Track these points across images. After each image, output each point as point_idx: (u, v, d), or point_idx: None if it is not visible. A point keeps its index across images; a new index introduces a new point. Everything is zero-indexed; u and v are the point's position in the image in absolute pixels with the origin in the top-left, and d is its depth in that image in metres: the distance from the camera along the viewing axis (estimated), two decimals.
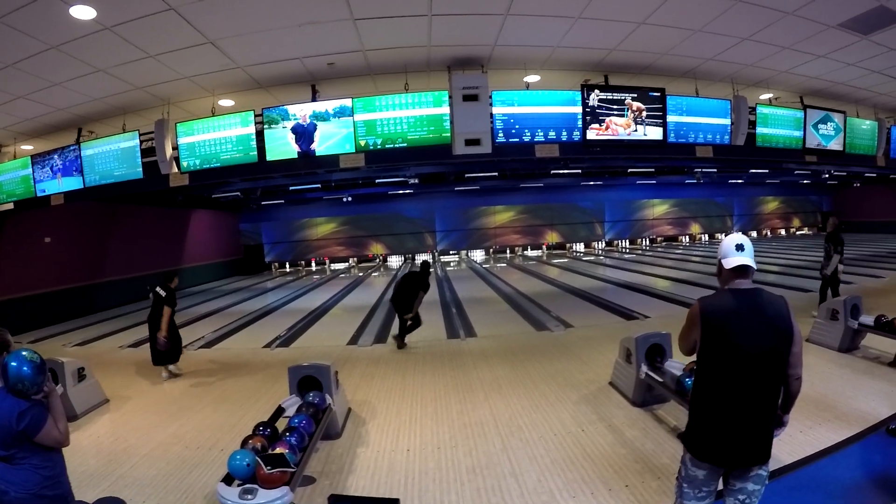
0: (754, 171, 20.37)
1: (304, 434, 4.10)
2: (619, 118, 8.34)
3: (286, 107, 8.10)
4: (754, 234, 32.54)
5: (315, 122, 8.01)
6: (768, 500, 2.76)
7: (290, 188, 18.06)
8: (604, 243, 30.64)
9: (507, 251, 29.47)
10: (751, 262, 2.56)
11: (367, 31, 6.76)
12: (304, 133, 8.03)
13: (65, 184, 9.50)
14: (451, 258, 28.74)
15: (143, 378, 7.84)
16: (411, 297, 8.70)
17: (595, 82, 8.65)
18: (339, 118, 7.98)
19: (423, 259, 9.64)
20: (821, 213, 33.75)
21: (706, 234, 32.17)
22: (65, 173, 9.45)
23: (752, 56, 8.33)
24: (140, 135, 8.82)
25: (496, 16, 6.56)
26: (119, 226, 16.71)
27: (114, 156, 8.97)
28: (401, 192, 24.47)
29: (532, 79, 8.91)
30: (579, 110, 8.23)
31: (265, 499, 3.14)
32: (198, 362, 8.60)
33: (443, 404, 6.07)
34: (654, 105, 8.48)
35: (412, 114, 7.95)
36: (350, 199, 23.55)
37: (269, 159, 8.19)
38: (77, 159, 9.26)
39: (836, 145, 10.49)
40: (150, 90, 8.25)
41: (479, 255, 29.11)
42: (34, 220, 12.90)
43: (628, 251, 28.52)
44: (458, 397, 6.27)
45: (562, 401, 5.93)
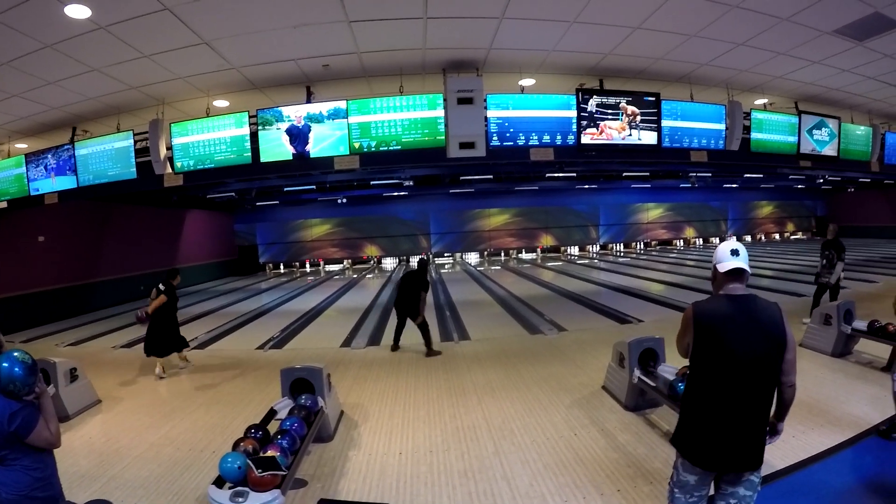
0: (749, 175, 20.46)
1: (296, 437, 4.09)
2: (613, 122, 8.36)
3: (280, 108, 8.09)
4: (749, 238, 32.70)
5: (309, 124, 8.01)
6: None
7: (285, 189, 18.09)
8: (598, 247, 30.71)
9: (502, 254, 29.49)
10: (745, 266, 2.57)
11: (362, 33, 6.75)
12: (298, 135, 8.03)
13: (58, 183, 9.47)
14: (445, 260, 28.72)
15: (136, 379, 7.81)
16: (415, 299, 8.50)
17: (590, 86, 8.69)
18: (333, 120, 7.98)
19: (419, 258, 9.52)
20: (815, 218, 33.97)
21: (701, 239, 32.29)
22: (58, 172, 9.41)
23: (746, 61, 8.37)
24: (134, 135, 8.80)
25: (491, 19, 6.57)
26: (113, 225, 16.66)
27: (108, 155, 8.95)
28: (395, 193, 24.50)
29: (527, 82, 8.92)
30: (574, 114, 8.26)
31: (256, 502, 3.13)
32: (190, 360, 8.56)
33: (435, 407, 6.05)
34: (648, 109, 8.51)
35: (407, 116, 7.95)
36: (344, 200, 23.57)
37: (263, 160, 8.19)
38: (71, 158, 9.23)
39: (830, 151, 10.54)
40: (145, 90, 8.22)
41: (473, 258, 29.12)
42: (28, 219, 12.86)
43: (623, 255, 28.58)
44: (450, 400, 6.25)
45: (555, 404, 5.93)
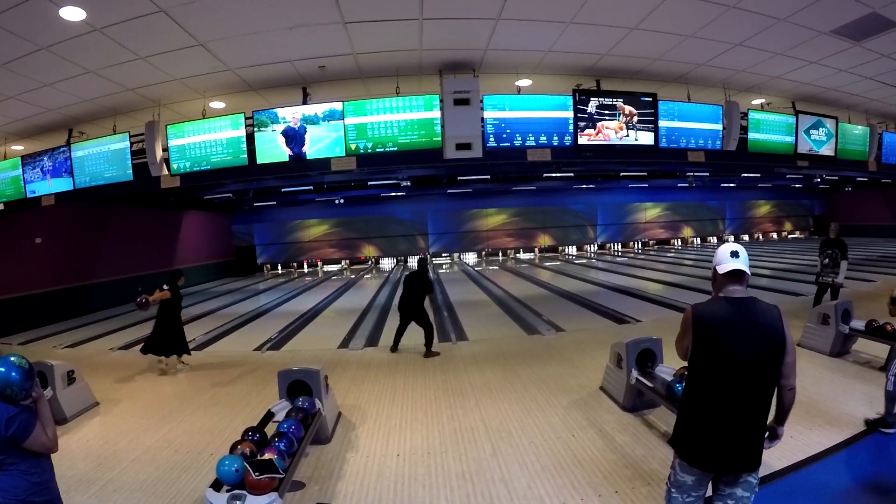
0: (746, 175, 20.48)
1: (293, 439, 4.08)
2: (611, 122, 8.36)
3: (276, 110, 8.07)
4: (746, 237, 32.74)
5: (305, 126, 7.99)
6: None
7: (283, 189, 18.08)
8: (596, 246, 30.74)
9: (500, 254, 29.50)
10: (745, 268, 2.57)
11: (357, 34, 6.74)
12: (294, 136, 8.01)
13: (55, 185, 9.44)
14: (443, 261, 28.72)
15: (134, 381, 7.79)
16: (420, 303, 8.47)
17: (587, 87, 8.68)
18: (328, 122, 7.96)
19: (418, 258, 9.47)
20: (813, 217, 34.00)
21: (698, 238, 32.33)
22: (55, 174, 9.38)
23: (744, 62, 8.37)
24: (130, 136, 8.78)
25: (488, 20, 6.56)
26: (110, 227, 16.62)
27: (104, 157, 8.92)
28: (393, 194, 24.49)
29: (524, 83, 8.92)
30: (571, 115, 8.25)
31: None
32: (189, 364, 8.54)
33: (433, 409, 6.05)
34: (645, 110, 8.51)
35: (403, 118, 7.93)
36: (342, 201, 23.56)
37: (259, 162, 8.16)
38: (67, 161, 9.20)
39: (827, 150, 10.54)
40: (141, 91, 8.20)
41: (471, 258, 29.11)
42: (25, 221, 12.83)
43: (620, 254, 28.61)
44: (448, 402, 6.25)
45: (552, 405, 5.93)
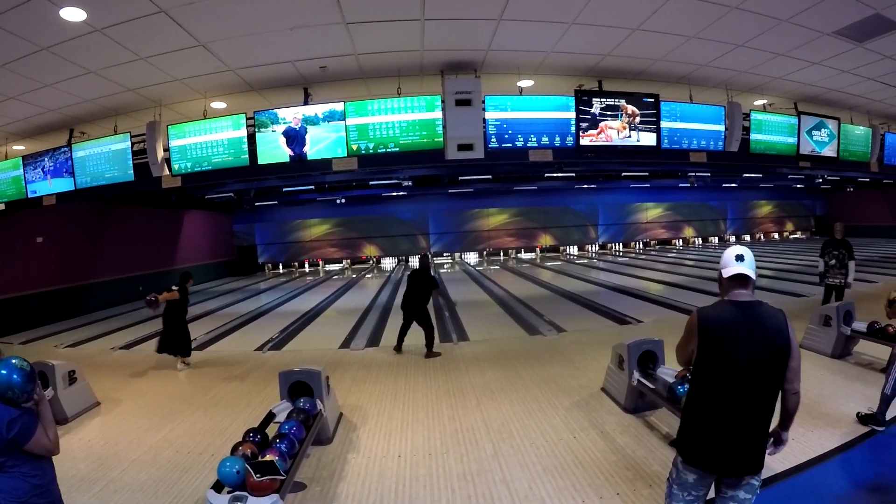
0: (748, 175, 20.46)
1: (295, 441, 4.08)
2: (613, 122, 8.34)
3: (276, 110, 8.06)
4: (748, 237, 32.72)
5: (306, 126, 7.98)
6: None
7: (284, 189, 18.09)
8: (597, 246, 30.71)
9: (501, 254, 29.49)
10: (750, 272, 2.56)
11: (359, 34, 6.73)
12: (295, 137, 8.00)
13: (56, 185, 9.45)
14: (444, 260, 28.71)
15: (135, 380, 7.79)
16: (423, 301, 8.43)
17: (589, 87, 8.67)
18: (329, 122, 7.95)
19: (420, 255, 9.45)
20: (814, 217, 33.95)
21: (700, 238, 32.31)
22: (56, 175, 9.38)
23: (746, 63, 8.35)
24: (131, 137, 8.79)
25: (490, 20, 6.55)
26: (111, 226, 16.63)
27: (105, 158, 8.93)
28: (394, 194, 24.50)
29: (525, 83, 8.91)
30: (573, 115, 8.23)
31: None
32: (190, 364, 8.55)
33: (434, 409, 6.05)
34: (647, 111, 8.49)
35: (405, 118, 7.92)
36: (343, 200, 23.55)
37: (260, 163, 8.16)
38: (68, 161, 9.20)
39: (830, 151, 10.51)
40: (142, 92, 8.20)
41: (472, 258, 29.10)
42: (26, 221, 12.84)
43: (622, 254, 28.58)
44: (449, 402, 6.25)
45: (554, 407, 5.92)
